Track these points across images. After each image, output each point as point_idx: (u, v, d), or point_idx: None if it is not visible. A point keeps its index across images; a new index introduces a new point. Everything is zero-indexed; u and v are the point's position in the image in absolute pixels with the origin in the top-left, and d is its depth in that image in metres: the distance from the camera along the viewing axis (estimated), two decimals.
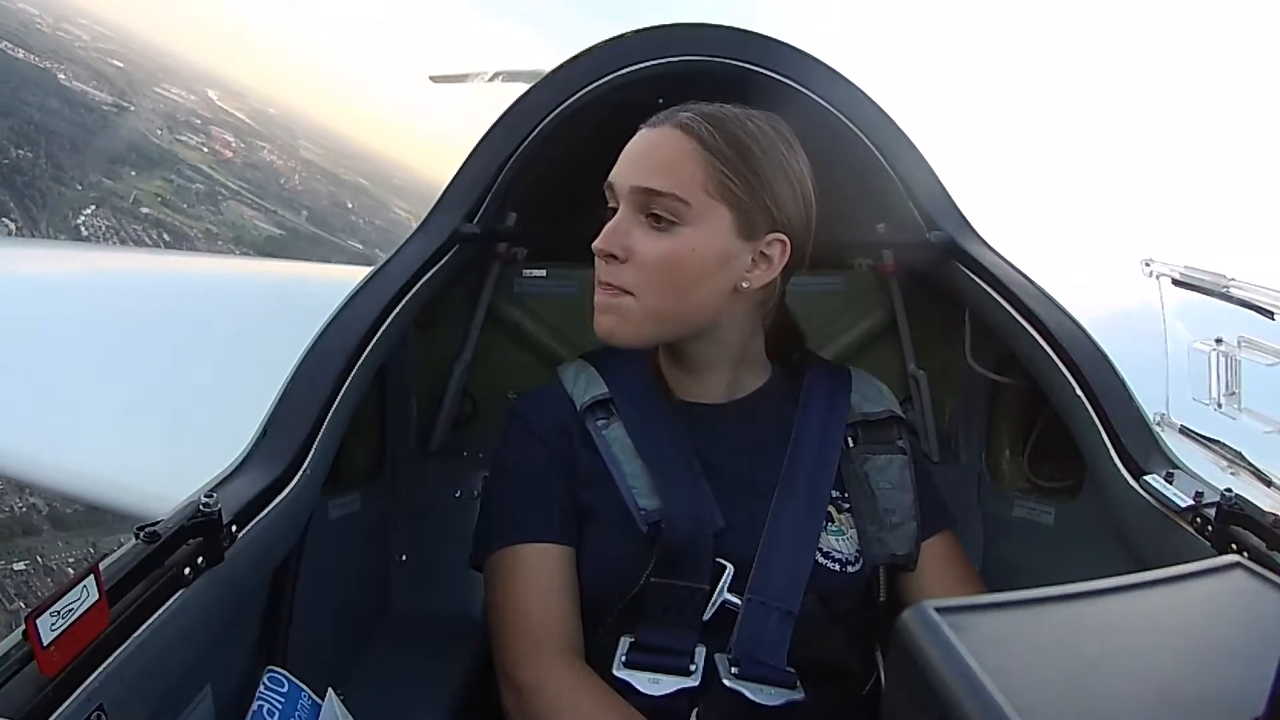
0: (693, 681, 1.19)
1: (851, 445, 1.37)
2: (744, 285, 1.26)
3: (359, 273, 1.48)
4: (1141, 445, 1.28)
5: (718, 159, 1.21)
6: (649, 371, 1.39)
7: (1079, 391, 1.36)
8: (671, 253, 1.21)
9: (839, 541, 1.28)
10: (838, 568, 1.27)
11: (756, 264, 1.26)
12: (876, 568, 1.30)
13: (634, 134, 1.28)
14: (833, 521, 1.30)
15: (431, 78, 17.51)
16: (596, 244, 1.25)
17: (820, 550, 1.26)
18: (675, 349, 1.35)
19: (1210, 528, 1.10)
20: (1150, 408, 1.35)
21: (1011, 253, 1.59)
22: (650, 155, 1.24)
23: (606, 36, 1.67)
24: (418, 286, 1.47)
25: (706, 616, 1.22)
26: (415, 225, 1.59)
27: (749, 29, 1.62)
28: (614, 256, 1.23)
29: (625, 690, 1.19)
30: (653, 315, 1.24)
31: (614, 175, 1.26)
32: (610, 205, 1.27)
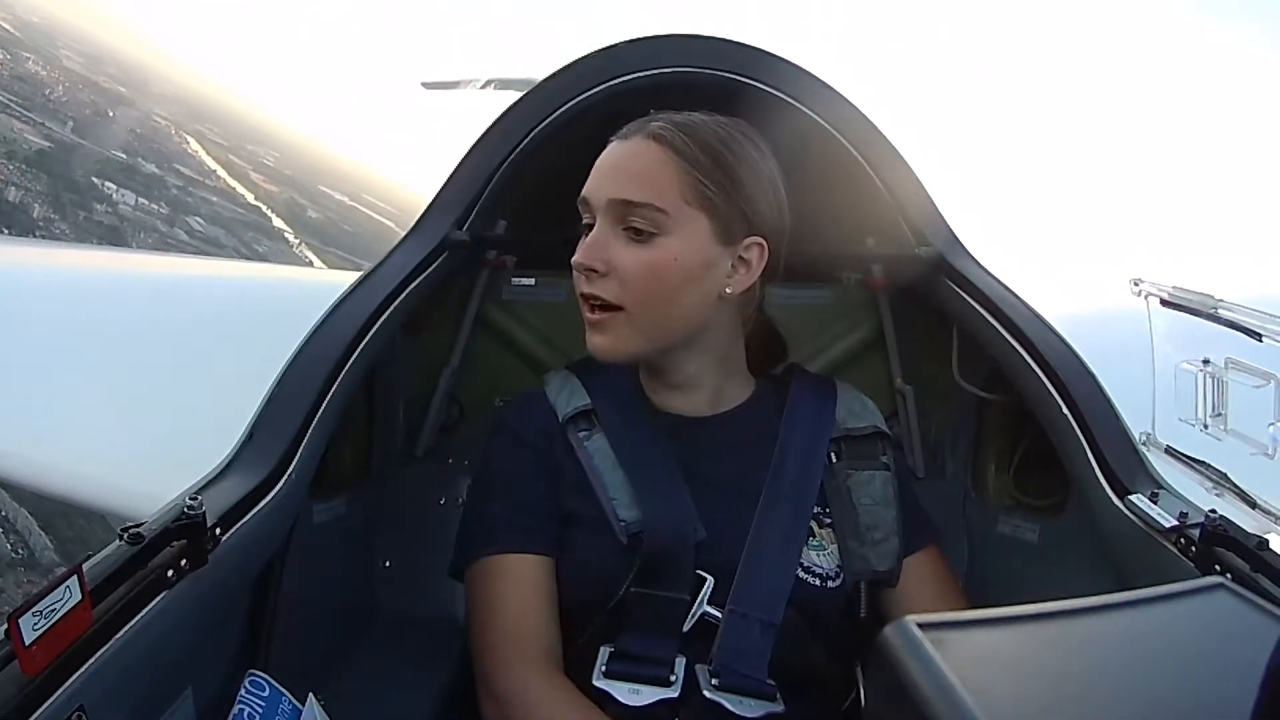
0: (672, 692, 1.19)
1: (835, 460, 1.37)
2: (727, 291, 1.26)
3: (345, 278, 1.47)
4: (1127, 465, 1.29)
5: (693, 166, 1.21)
6: (633, 383, 1.39)
7: (1065, 410, 1.36)
8: (654, 263, 1.21)
9: (820, 556, 1.28)
10: (818, 583, 1.26)
11: (736, 269, 1.26)
12: (857, 583, 1.30)
13: None
14: (814, 536, 1.29)
15: (424, 84, 17.48)
16: (576, 259, 1.24)
17: (801, 565, 1.26)
18: (658, 364, 1.35)
19: (1194, 548, 1.10)
20: (1136, 427, 1.36)
21: (999, 268, 1.59)
22: (625, 167, 1.24)
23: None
24: (407, 292, 1.46)
25: (686, 627, 1.22)
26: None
27: (740, 41, 1.63)
28: (594, 270, 1.23)
29: (605, 700, 1.19)
30: (644, 328, 1.24)
31: (588, 190, 1.26)
32: (585, 220, 1.27)
